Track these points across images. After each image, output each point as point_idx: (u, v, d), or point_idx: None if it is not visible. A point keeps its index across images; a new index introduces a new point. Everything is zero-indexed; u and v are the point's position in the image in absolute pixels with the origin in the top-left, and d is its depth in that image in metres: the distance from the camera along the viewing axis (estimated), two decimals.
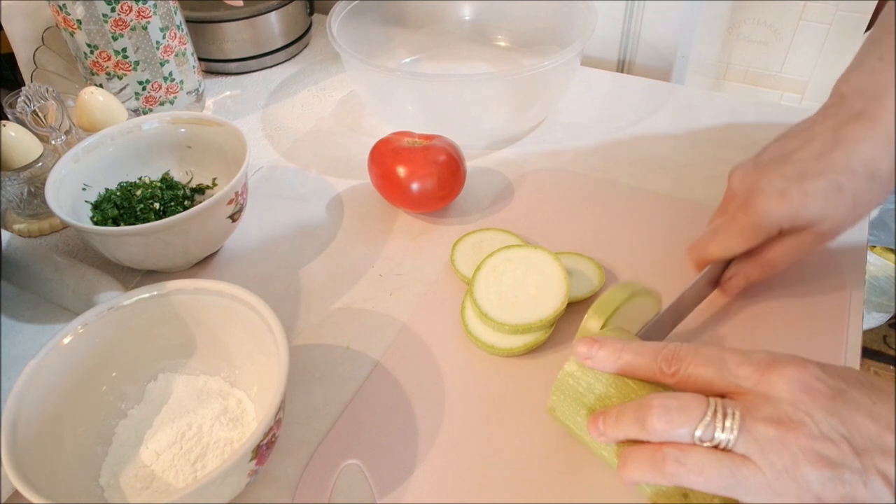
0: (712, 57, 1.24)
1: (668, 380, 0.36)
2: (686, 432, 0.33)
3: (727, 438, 0.33)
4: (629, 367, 0.38)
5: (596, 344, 0.39)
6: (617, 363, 0.38)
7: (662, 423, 0.34)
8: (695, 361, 0.36)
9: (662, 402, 0.34)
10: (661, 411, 0.34)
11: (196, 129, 0.60)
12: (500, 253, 0.52)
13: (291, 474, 0.43)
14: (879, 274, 1.33)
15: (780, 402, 0.33)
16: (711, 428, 0.33)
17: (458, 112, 0.67)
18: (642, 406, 0.35)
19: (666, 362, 0.36)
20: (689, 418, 0.33)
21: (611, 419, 0.37)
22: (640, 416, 0.35)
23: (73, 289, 0.52)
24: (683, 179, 0.63)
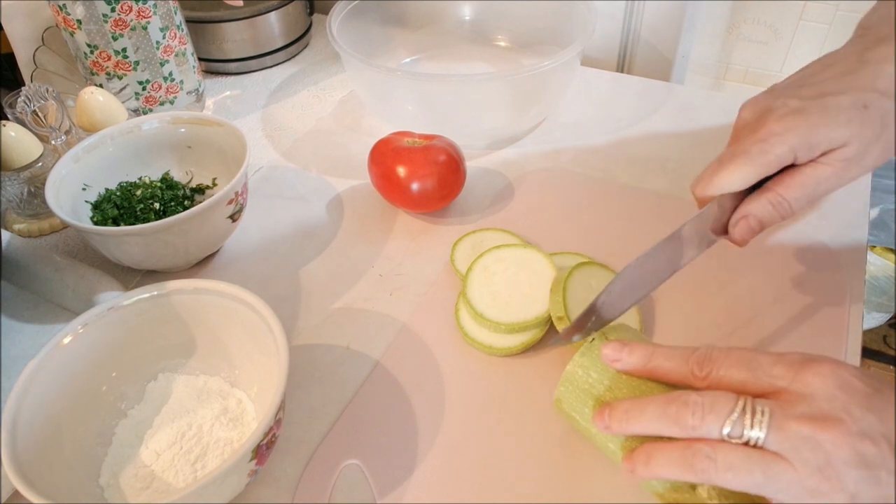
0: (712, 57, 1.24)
1: (700, 383, 0.35)
2: (715, 428, 0.33)
3: (757, 435, 0.32)
4: (659, 371, 0.37)
5: (626, 348, 0.38)
6: (647, 367, 0.37)
7: (696, 419, 0.33)
8: (727, 363, 0.35)
9: (696, 398, 0.33)
10: (696, 408, 0.33)
11: (196, 129, 0.60)
12: (491, 253, 0.52)
13: (291, 474, 0.43)
14: (879, 274, 1.33)
15: (816, 398, 0.32)
16: (740, 425, 0.32)
17: (458, 112, 0.67)
18: (674, 402, 0.34)
19: (698, 365, 0.35)
20: (718, 415, 0.33)
21: (619, 413, 0.36)
22: (670, 412, 0.34)
23: (73, 289, 0.52)
24: (683, 179, 0.63)
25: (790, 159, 0.39)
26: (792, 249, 0.55)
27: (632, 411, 0.36)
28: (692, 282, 0.53)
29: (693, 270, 0.53)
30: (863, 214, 0.58)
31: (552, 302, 0.48)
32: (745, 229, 0.41)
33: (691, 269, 0.54)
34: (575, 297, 0.47)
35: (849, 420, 0.31)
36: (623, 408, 0.36)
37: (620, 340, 0.39)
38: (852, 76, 0.40)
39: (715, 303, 0.51)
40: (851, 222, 0.57)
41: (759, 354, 0.35)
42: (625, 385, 0.38)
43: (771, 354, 0.34)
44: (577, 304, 0.47)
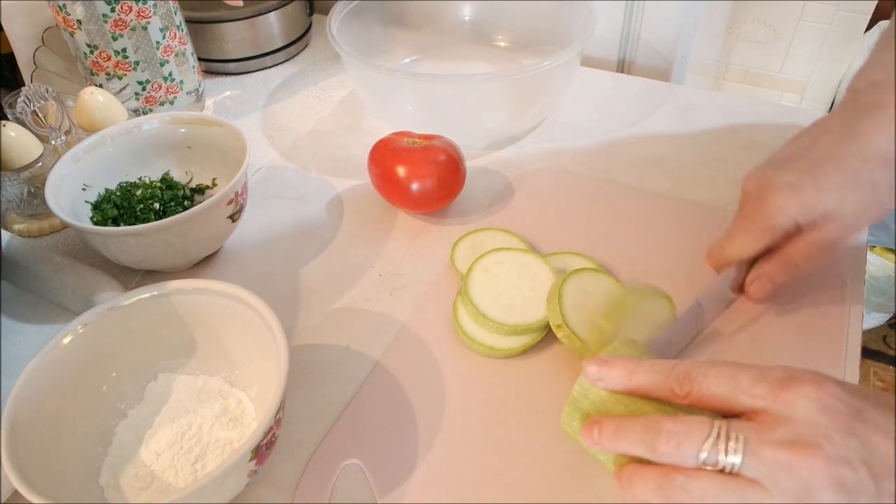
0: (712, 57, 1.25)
1: (682, 401, 0.35)
2: (691, 456, 0.32)
3: (732, 462, 0.31)
4: (642, 388, 0.37)
5: (606, 365, 0.37)
6: (629, 384, 0.37)
7: (671, 447, 0.33)
8: (707, 381, 0.34)
9: (671, 426, 0.33)
10: (671, 436, 0.33)
11: (196, 129, 0.60)
12: (491, 255, 0.52)
13: (291, 474, 0.43)
14: (879, 274, 1.33)
15: (795, 422, 0.31)
16: (715, 451, 0.32)
17: (458, 112, 0.67)
18: (651, 429, 0.34)
19: (678, 383, 0.35)
20: (693, 442, 0.32)
21: (608, 431, 0.36)
22: (648, 440, 0.34)
23: (73, 289, 0.52)
24: (683, 179, 0.63)
25: (793, 227, 0.44)
26: None
27: (617, 432, 0.36)
28: (692, 281, 0.53)
29: (693, 269, 0.53)
30: None
31: (549, 311, 0.48)
32: (759, 289, 0.47)
33: (691, 268, 0.54)
34: (572, 303, 0.47)
35: (827, 446, 0.30)
36: (611, 427, 0.36)
37: (601, 357, 0.38)
38: (840, 149, 0.43)
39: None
40: None
41: (740, 371, 0.34)
42: (617, 402, 0.38)
43: (752, 370, 0.34)
44: (574, 309, 0.47)
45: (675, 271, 0.54)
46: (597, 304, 0.47)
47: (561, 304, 0.47)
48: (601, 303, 0.47)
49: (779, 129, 0.68)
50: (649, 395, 0.37)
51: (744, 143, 0.67)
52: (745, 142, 0.67)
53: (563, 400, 0.45)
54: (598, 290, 0.48)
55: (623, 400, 0.38)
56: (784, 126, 0.68)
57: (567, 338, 0.46)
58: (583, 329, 0.46)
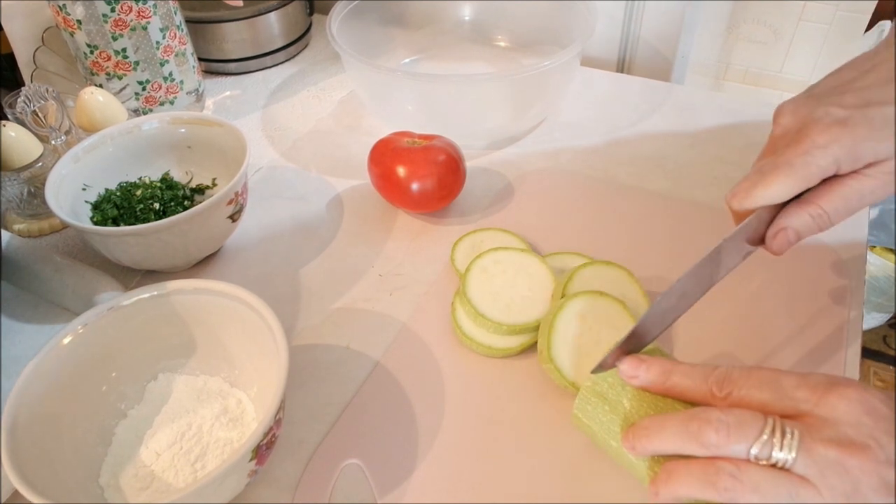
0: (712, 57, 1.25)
1: (721, 403, 0.34)
2: (742, 448, 0.32)
3: (785, 458, 0.31)
4: (677, 389, 0.36)
5: (643, 364, 0.37)
6: (665, 384, 0.36)
7: (721, 437, 0.32)
8: (748, 384, 0.34)
9: (720, 416, 0.32)
10: (721, 426, 0.32)
11: (196, 129, 0.60)
12: (489, 255, 0.52)
13: (291, 474, 0.43)
14: (879, 274, 1.33)
15: (842, 424, 0.31)
16: (769, 446, 0.31)
17: (458, 112, 0.67)
18: (696, 419, 0.33)
19: (717, 385, 0.35)
20: (746, 434, 0.32)
21: (639, 430, 0.35)
22: (692, 429, 0.33)
23: (73, 289, 0.52)
24: (683, 179, 0.63)
25: (833, 171, 0.38)
26: (792, 249, 0.55)
27: (651, 427, 0.35)
28: None
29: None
30: (863, 214, 0.58)
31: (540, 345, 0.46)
32: (784, 241, 0.41)
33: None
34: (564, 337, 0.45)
35: (875, 447, 0.30)
36: (644, 424, 0.35)
37: (638, 356, 0.38)
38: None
39: (715, 303, 0.51)
40: (851, 222, 0.57)
41: (782, 375, 0.34)
42: (645, 401, 0.37)
43: (793, 375, 0.33)
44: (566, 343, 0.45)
45: (675, 271, 0.54)
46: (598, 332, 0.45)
47: (550, 339, 0.45)
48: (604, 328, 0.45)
49: None
50: (684, 396, 0.36)
51: (744, 143, 0.67)
52: (745, 142, 0.67)
53: (563, 398, 0.46)
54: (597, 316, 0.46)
55: (644, 394, 0.37)
56: None
57: (552, 372, 0.45)
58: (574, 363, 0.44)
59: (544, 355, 0.45)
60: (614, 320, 0.46)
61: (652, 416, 0.36)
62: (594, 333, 0.45)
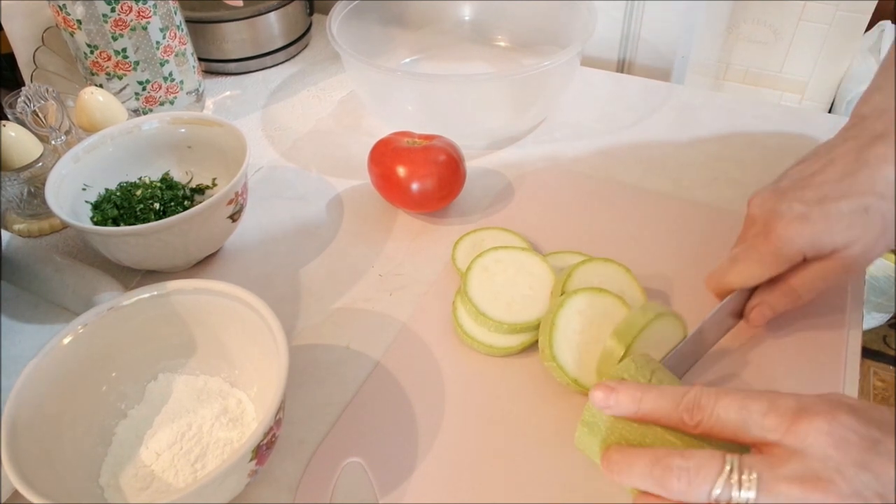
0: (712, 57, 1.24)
1: (692, 430, 0.35)
2: (704, 492, 0.32)
3: (746, 497, 0.31)
4: (650, 415, 0.36)
5: (613, 393, 0.37)
6: (638, 411, 0.36)
7: (683, 484, 0.32)
8: (717, 411, 0.34)
9: (680, 462, 0.33)
10: (682, 473, 0.33)
11: (196, 129, 0.60)
12: (489, 254, 0.52)
13: (291, 474, 0.43)
14: (879, 274, 1.33)
15: (808, 456, 0.31)
16: (728, 487, 0.31)
17: (458, 112, 0.67)
18: (659, 464, 0.33)
19: (688, 412, 0.35)
20: (705, 478, 0.32)
21: (618, 463, 0.36)
22: (656, 475, 0.33)
23: (73, 289, 0.52)
24: (683, 179, 0.63)
25: (800, 259, 0.43)
26: None
27: (621, 463, 0.35)
28: (693, 281, 0.53)
29: (694, 269, 0.53)
30: None
31: (552, 304, 0.48)
32: (759, 316, 0.46)
33: (692, 268, 0.54)
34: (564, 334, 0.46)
35: (840, 480, 0.30)
36: (614, 458, 0.36)
37: (608, 384, 0.37)
38: (851, 179, 0.42)
39: (714, 303, 0.51)
40: None
41: (751, 400, 0.34)
42: (636, 430, 0.37)
43: (763, 399, 0.33)
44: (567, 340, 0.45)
45: (676, 270, 0.54)
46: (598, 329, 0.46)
47: (552, 337, 0.45)
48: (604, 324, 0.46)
49: (779, 128, 0.68)
50: (659, 422, 0.36)
51: (744, 143, 0.67)
52: (745, 142, 0.67)
53: (564, 397, 0.46)
54: (597, 313, 0.46)
55: (634, 424, 0.37)
56: (784, 126, 0.68)
57: (555, 370, 0.45)
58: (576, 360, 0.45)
59: (546, 353, 0.45)
60: (615, 316, 0.46)
61: (622, 450, 0.36)
62: (595, 330, 0.45)
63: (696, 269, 0.53)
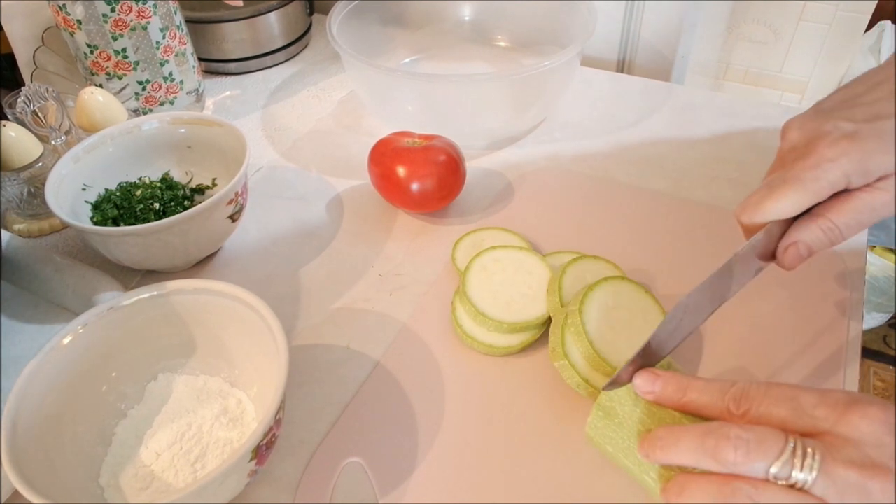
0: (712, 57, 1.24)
1: (737, 420, 0.34)
2: (761, 467, 0.31)
3: (805, 478, 0.30)
4: (693, 405, 0.35)
5: (659, 379, 0.36)
6: (681, 400, 0.36)
7: (740, 455, 0.31)
8: (766, 401, 0.33)
9: (739, 432, 0.32)
10: (739, 443, 0.31)
11: (196, 129, 0.60)
12: (488, 253, 0.52)
13: (291, 474, 0.43)
14: (879, 274, 1.33)
15: (863, 444, 0.30)
16: (789, 465, 0.30)
17: (458, 112, 0.67)
18: (713, 434, 0.32)
19: (734, 402, 0.34)
20: (765, 453, 0.31)
21: (652, 440, 0.35)
22: (708, 445, 0.32)
23: (73, 289, 0.52)
24: (683, 179, 0.63)
25: (843, 185, 0.38)
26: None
27: (666, 439, 0.34)
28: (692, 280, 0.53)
29: (693, 268, 0.53)
30: None
31: (549, 302, 0.48)
32: (795, 256, 0.40)
33: (692, 267, 0.54)
34: (572, 293, 0.47)
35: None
36: (658, 435, 0.35)
37: (653, 371, 0.37)
38: None
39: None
40: None
41: (801, 392, 0.33)
42: (659, 417, 0.37)
43: (812, 392, 0.33)
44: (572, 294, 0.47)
45: (676, 270, 0.54)
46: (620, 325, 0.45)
47: (561, 296, 0.46)
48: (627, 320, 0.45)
49: (779, 128, 0.68)
50: (701, 412, 0.35)
51: (744, 143, 0.67)
52: (745, 142, 0.67)
53: (564, 396, 0.46)
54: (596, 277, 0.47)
55: (657, 411, 0.37)
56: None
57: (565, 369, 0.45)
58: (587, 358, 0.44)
59: (557, 352, 0.45)
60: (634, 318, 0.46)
61: (667, 427, 0.35)
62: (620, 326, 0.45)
63: (696, 269, 0.53)
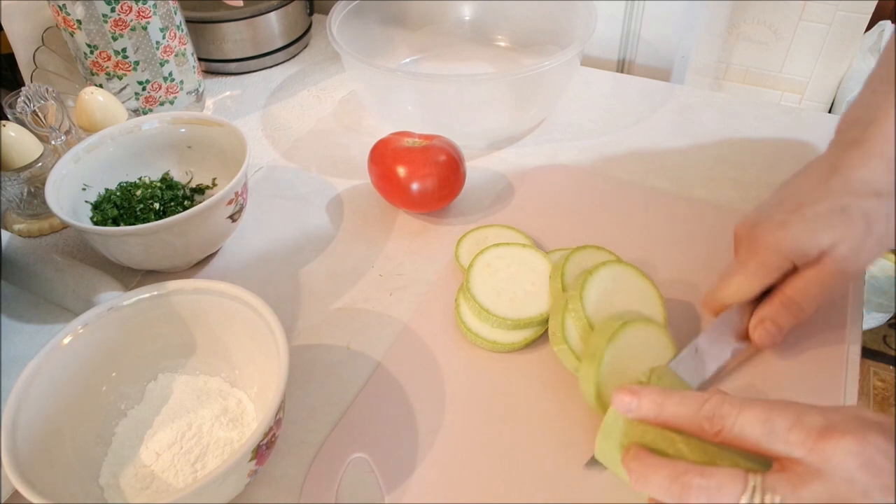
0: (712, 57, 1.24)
1: (713, 439, 0.34)
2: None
3: None
4: (672, 421, 0.36)
5: (636, 397, 0.37)
6: (659, 416, 0.36)
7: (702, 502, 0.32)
8: (739, 421, 0.33)
9: (700, 482, 0.32)
10: (700, 492, 0.32)
11: (196, 129, 0.60)
12: (491, 250, 0.52)
13: (292, 474, 0.43)
14: (879, 274, 1.33)
15: (834, 478, 0.30)
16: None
17: (458, 112, 0.67)
18: (678, 481, 0.33)
19: (708, 421, 0.34)
20: (726, 498, 0.31)
21: (635, 473, 0.35)
22: (674, 491, 0.33)
23: (73, 289, 0.52)
24: (683, 179, 0.63)
25: (789, 266, 0.43)
26: None
27: (638, 472, 0.35)
28: (692, 279, 0.53)
29: (693, 267, 0.53)
30: None
31: (551, 288, 0.48)
32: (764, 334, 0.44)
33: (691, 266, 0.54)
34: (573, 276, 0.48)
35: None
36: (631, 466, 0.35)
37: (631, 388, 0.37)
38: (826, 185, 0.43)
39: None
40: None
41: (776, 413, 0.33)
42: (648, 431, 0.37)
43: (789, 413, 0.32)
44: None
45: (675, 268, 0.54)
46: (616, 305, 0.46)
47: (563, 280, 0.47)
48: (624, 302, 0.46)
49: (779, 128, 0.68)
50: (681, 429, 0.36)
51: (744, 143, 0.67)
52: (745, 142, 0.67)
53: (569, 390, 0.46)
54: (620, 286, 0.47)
55: (655, 430, 0.37)
56: (784, 126, 0.68)
57: (564, 353, 0.45)
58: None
59: (557, 336, 0.45)
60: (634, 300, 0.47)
61: (639, 459, 0.35)
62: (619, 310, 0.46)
63: (696, 267, 0.53)
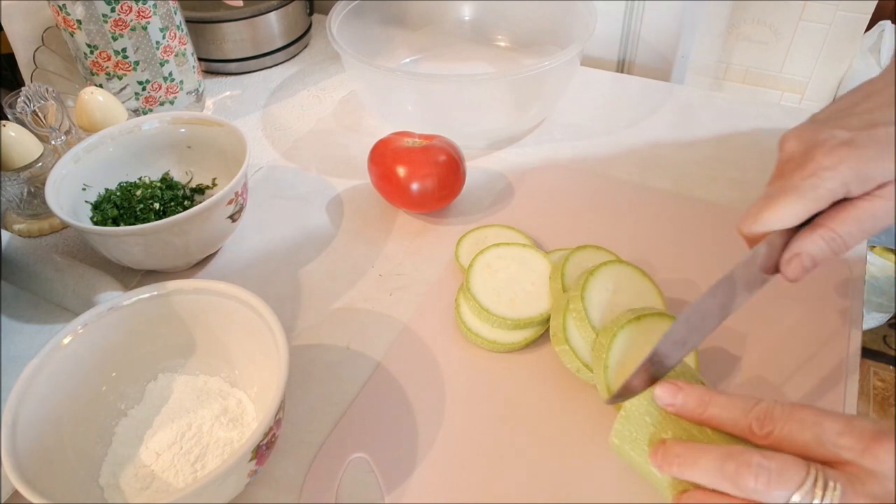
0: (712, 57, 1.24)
1: (760, 441, 0.34)
2: (781, 496, 0.31)
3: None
4: (715, 421, 0.35)
5: (681, 392, 0.36)
6: (703, 415, 0.35)
7: (761, 484, 0.31)
8: (789, 425, 0.33)
9: (760, 460, 0.31)
10: (761, 471, 0.31)
11: (196, 129, 0.60)
12: (491, 250, 0.52)
13: (292, 474, 0.43)
14: (879, 274, 1.33)
15: (887, 479, 0.30)
16: (810, 496, 0.30)
17: (458, 112, 0.67)
18: (734, 459, 0.32)
19: (758, 422, 0.33)
20: (787, 483, 0.31)
21: (680, 455, 0.34)
22: (728, 470, 0.32)
23: (73, 289, 0.52)
24: (683, 179, 0.63)
25: (843, 193, 0.37)
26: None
27: (684, 456, 0.34)
28: (692, 277, 0.53)
29: (693, 266, 0.53)
30: None
31: (552, 288, 0.48)
32: (799, 268, 0.39)
33: (691, 265, 0.54)
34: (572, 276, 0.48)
35: None
36: (676, 451, 0.34)
37: (675, 383, 0.37)
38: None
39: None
40: None
41: (826, 418, 0.32)
42: (681, 427, 0.36)
43: (839, 419, 0.32)
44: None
45: (677, 267, 0.54)
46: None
47: (563, 279, 0.47)
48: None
49: (778, 128, 0.68)
50: (723, 428, 0.35)
51: (744, 142, 0.67)
52: (745, 142, 0.67)
53: (569, 389, 0.46)
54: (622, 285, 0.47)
55: (683, 423, 0.36)
56: (784, 126, 0.68)
57: (565, 353, 0.45)
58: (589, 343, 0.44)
59: (558, 337, 0.45)
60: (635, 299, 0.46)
61: (685, 444, 0.35)
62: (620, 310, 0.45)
63: (696, 267, 0.53)
